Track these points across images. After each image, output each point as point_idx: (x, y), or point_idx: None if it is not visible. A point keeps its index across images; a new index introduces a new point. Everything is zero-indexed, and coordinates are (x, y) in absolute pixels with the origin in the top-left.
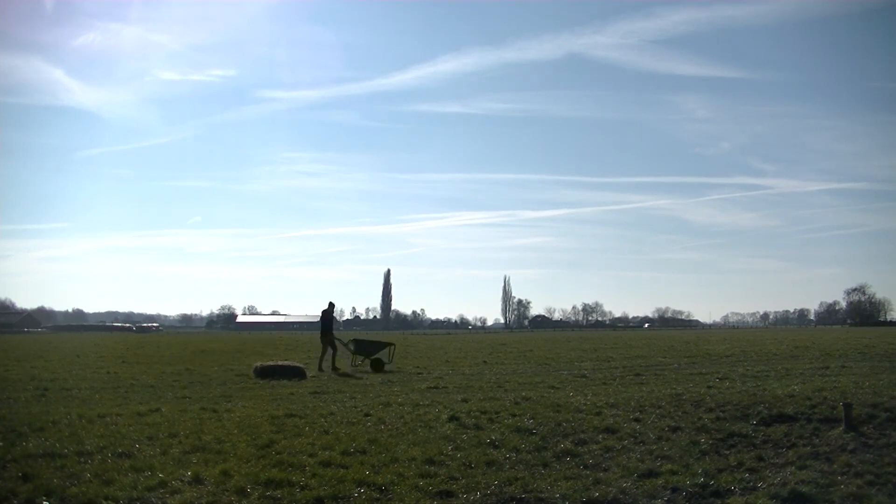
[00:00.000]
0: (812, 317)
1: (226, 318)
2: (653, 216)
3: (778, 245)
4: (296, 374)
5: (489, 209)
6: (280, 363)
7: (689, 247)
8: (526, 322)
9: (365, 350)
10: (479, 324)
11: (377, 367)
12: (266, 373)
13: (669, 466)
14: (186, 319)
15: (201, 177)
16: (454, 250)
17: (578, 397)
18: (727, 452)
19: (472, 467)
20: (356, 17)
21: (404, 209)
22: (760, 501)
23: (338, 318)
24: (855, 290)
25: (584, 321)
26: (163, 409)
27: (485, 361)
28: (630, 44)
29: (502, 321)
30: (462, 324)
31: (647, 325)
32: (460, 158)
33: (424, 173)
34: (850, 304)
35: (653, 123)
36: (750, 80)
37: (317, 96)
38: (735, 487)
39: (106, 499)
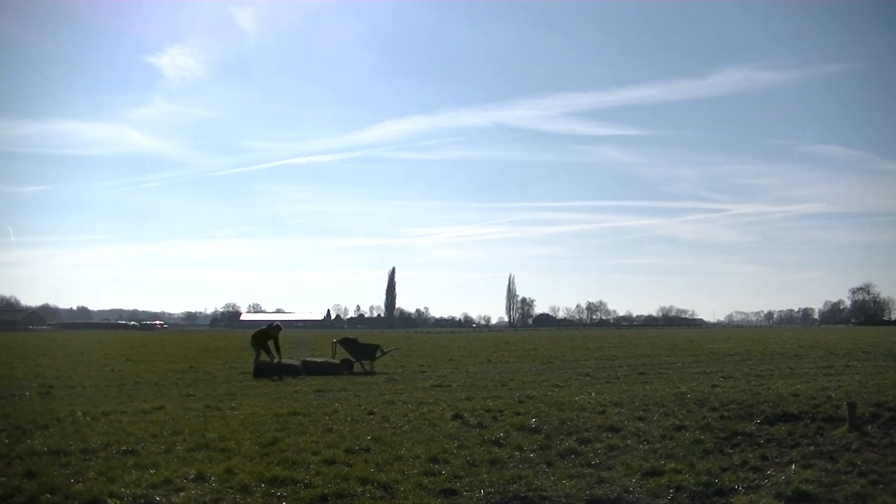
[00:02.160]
0: (816, 316)
1: (230, 317)
2: (643, 236)
3: (780, 245)
4: (293, 371)
5: (491, 217)
6: (284, 361)
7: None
8: (530, 321)
9: None
10: (483, 322)
11: None
12: (263, 370)
13: (673, 465)
14: (190, 317)
15: (215, 199)
16: (458, 248)
17: (582, 396)
18: (731, 451)
19: (475, 465)
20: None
21: (407, 222)
22: (764, 500)
23: (341, 316)
24: (859, 289)
25: (589, 320)
26: (167, 407)
27: (489, 360)
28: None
29: (506, 320)
30: (466, 322)
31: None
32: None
33: (418, 201)
34: (854, 303)
35: (603, 165)
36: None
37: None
38: (739, 486)
39: (110, 496)
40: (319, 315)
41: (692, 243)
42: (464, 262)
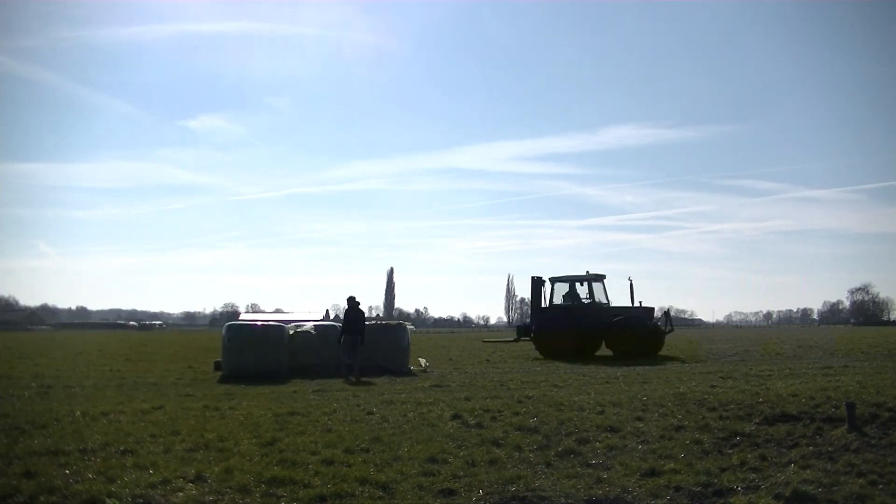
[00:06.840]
0: (815, 316)
1: (229, 317)
2: (633, 248)
3: (765, 256)
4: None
5: (482, 235)
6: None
7: (685, 253)
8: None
9: None
10: (482, 322)
11: None
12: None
13: (672, 465)
14: (189, 317)
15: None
16: (456, 255)
17: (581, 396)
18: (730, 451)
19: (474, 466)
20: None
21: (404, 237)
22: (763, 501)
23: (340, 316)
24: (858, 289)
25: None
26: (166, 407)
27: (488, 360)
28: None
29: (505, 320)
30: (465, 322)
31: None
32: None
33: (412, 221)
34: (853, 303)
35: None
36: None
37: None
38: (738, 486)
39: (109, 496)
40: (318, 315)
41: (680, 254)
42: (462, 265)
